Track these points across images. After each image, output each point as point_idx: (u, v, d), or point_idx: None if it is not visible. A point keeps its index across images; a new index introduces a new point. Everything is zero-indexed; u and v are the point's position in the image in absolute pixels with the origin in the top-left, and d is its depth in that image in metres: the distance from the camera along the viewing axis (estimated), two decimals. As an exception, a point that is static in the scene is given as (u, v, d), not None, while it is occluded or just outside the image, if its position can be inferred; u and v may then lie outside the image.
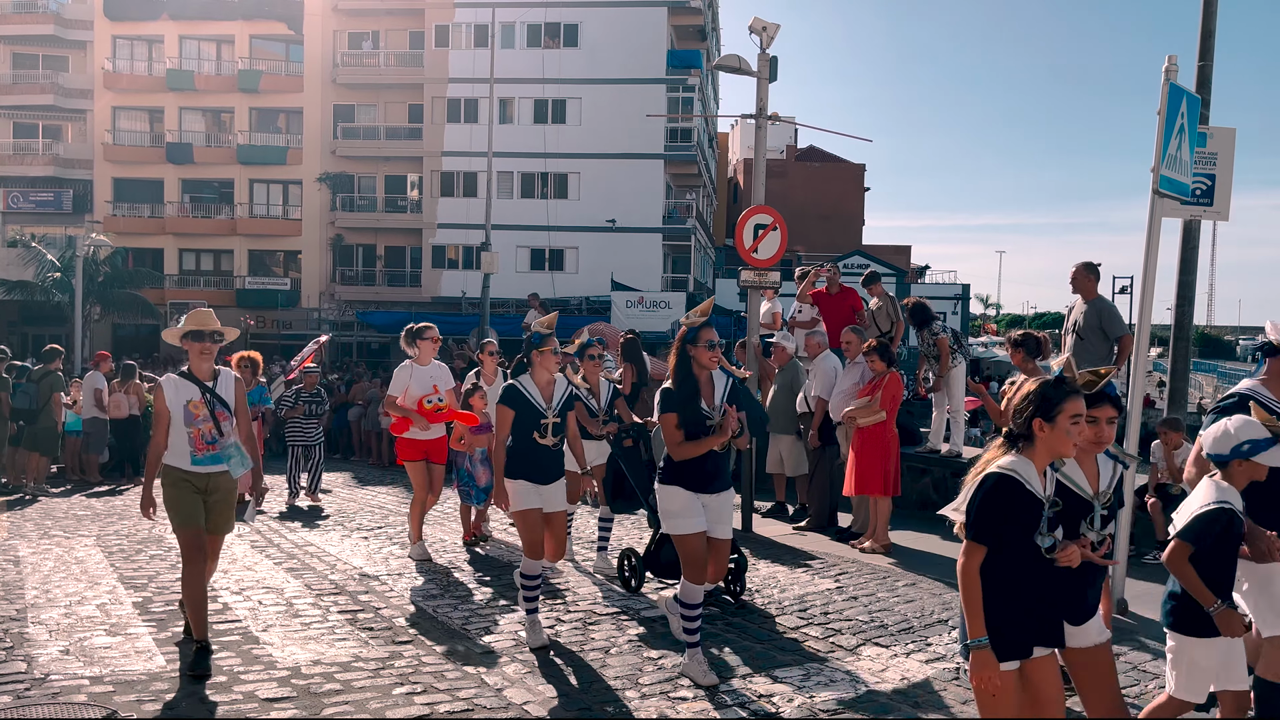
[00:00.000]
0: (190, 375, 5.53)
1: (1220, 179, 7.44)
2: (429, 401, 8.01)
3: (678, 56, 38.17)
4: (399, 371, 8.23)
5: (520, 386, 5.85)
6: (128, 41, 40.47)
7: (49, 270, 32.19)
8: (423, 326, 8.36)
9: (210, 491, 5.52)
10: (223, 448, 5.48)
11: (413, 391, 8.06)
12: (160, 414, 5.44)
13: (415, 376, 8.13)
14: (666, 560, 6.54)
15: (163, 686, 5.05)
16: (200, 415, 5.43)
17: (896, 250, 52.87)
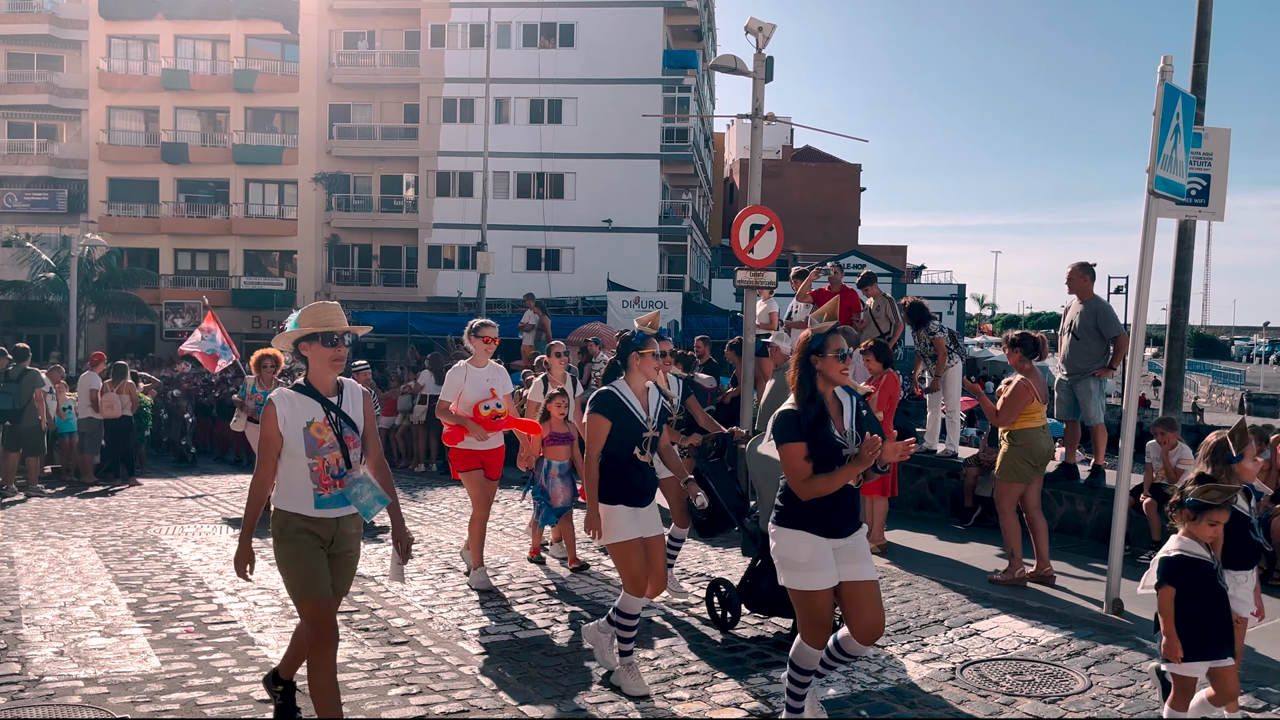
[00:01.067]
0: (310, 388, 4.23)
1: (1215, 179, 7.46)
2: (486, 408, 7.08)
3: (674, 56, 38.18)
4: (452, 374, 7.26)
5: (618, 394, 5.08)
6: (123, 41, 40.40)
7: (43, 270, 32.13)
8: (482, 323, 7.40)
9: (337, 542, 4.29)
10: (351, 483, 4.23)
11: (467, 396, 7.15)
12: (270, 440, 4.16)
13: (470, 379, 7.17)
14: (767, 593, 5.71)
15: (157, 688, 5.03)
16: (326, 441, 4.17)
17: (892, 250, 52.97)
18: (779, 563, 4.32)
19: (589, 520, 5.02)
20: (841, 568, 4.25)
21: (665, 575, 5.29)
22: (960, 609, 6.64)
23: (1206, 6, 9.47)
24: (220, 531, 9.80)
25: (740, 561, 7.82)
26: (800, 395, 4.30)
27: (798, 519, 4.27)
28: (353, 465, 4.25)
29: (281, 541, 4.24)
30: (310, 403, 4.22)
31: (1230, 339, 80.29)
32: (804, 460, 4.19)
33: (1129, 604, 6.38)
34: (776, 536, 4.34)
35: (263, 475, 4.22)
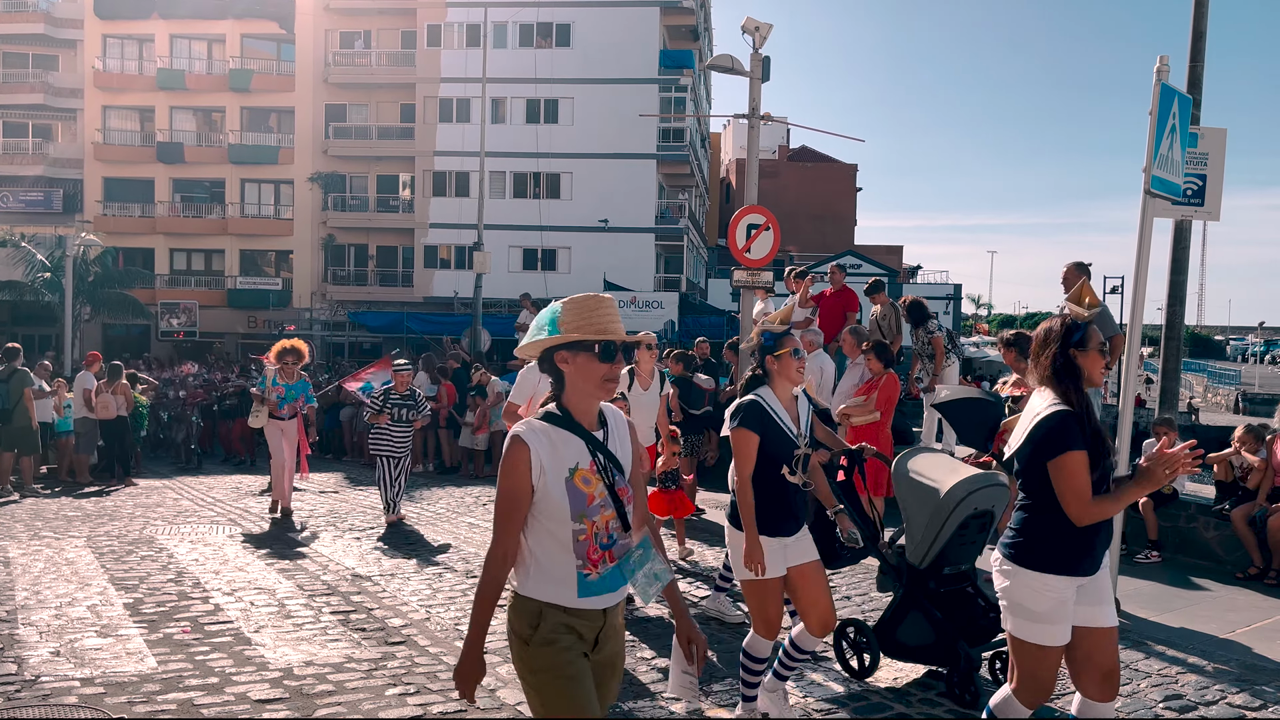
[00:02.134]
0: (569, 419, 2.94)
1: (1211, 179, 7.47)
2: None
3: (670, 56, 38.19)
4: (526, 374, 6.35)
5: (764, 404, 4.43)
6: (118, 41, 40.33)
7: (39, 270, 32.05)
8: None
9: (602, 643, 2.96)
10: (627, 554, 2.93)
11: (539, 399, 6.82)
12: (519, 496, 2.84)
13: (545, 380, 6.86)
14: (909, 640, 5.10)
15: (154, 688, 5.03)
16: (596, 497, 2.88)
17: (889, 250, 53.01)
18: (1009, 607, 3.57)
19: (749, 554, 4.30)
20: (1079, 609, 3.54)
21: (832, 607, 4.49)
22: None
23: (1202, 7, 9.50)
24: (216, 532, 9.78)
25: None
26: (1064, 392, 3.49)
27: (1045, 557, 3.47)
28: (628, 528, 2.99)
29: (531, 646, 2.89)
30: (572, 441, 2.92)
31: (1225, 339, 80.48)
32: (1087, 474, 3.37)
33: (1126, 604, 6.40)
34: (1011, 577, 3.55)
35: (504, 548, 2.86)
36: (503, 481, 2.87)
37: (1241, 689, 5.10)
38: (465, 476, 14.74)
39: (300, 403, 10.80)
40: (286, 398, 10.64)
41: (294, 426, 10.77)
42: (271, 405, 10.57)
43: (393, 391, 10.32)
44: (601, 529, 2.91)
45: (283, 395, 10.62)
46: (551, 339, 2.96)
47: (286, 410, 10.67)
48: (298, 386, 10.76)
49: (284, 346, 10.64)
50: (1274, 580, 7.44)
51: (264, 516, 10.73)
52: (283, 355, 10.54)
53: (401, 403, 10.22)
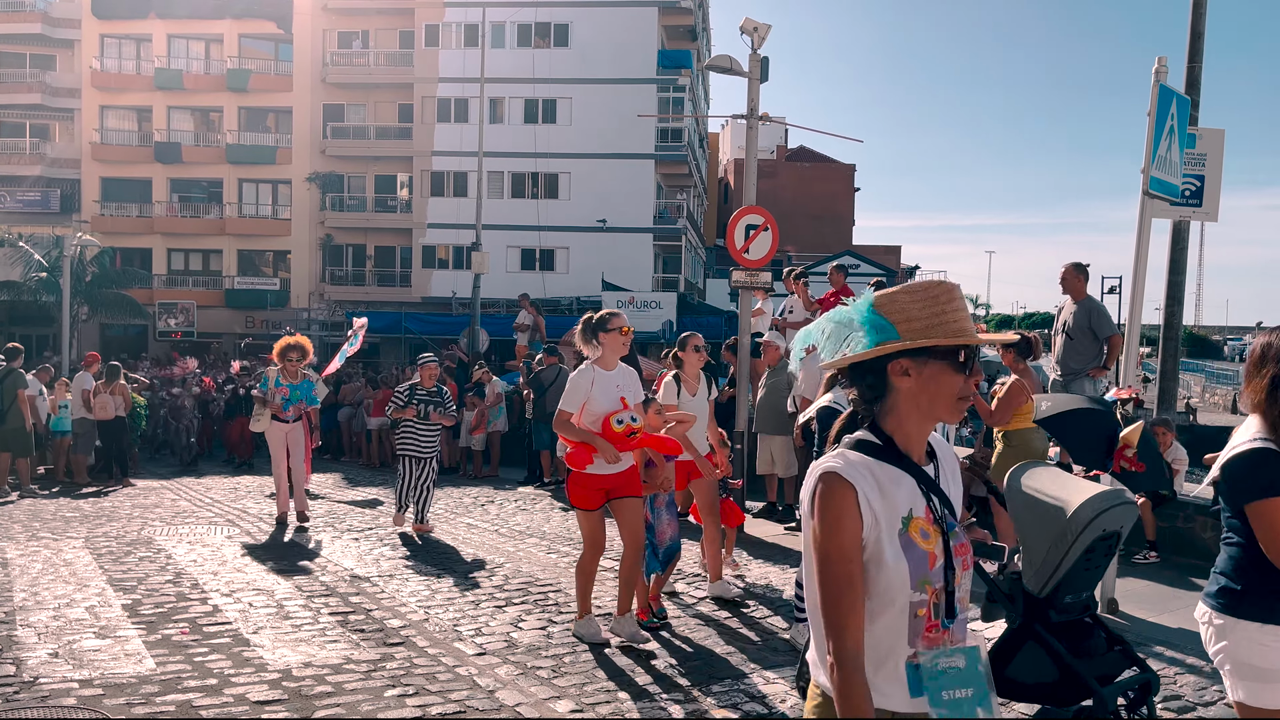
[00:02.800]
0: (893, 450, 2.17)
1: (1209, 180, 7.48)
2: (619, 421, 5.63)
3: (668, 56, 38.19)
4: (577, 379, 5.77)
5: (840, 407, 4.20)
6: (115, 40, 40.28)
7: (36, 270, 32.02)
8: (608, 314, 5.91)
9: None
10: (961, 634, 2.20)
11: (596, 406, 5.69)
12: (850, 556, 2.05)
13: (599, 385, 5.73)
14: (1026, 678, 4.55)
15: (152, 689, 5.02)
16: (938, 557, 2.14)
17: (886, 250, 53.07)
18: (1234, 669, 3.01)
19: None
20: None
21: None
22: (955, 609, 6.63)
23: (1201, 7, 9.51)
24: (215, 533, 9.78)
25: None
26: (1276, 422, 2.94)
27: (1268, 606, 2.94)
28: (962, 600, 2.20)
29: None
30: (903, 480, 2.15)
31: (1223, 339, 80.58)
32: None
33: (1123, 603, 6.40)
34: (1228, 633, 2.99)
35: (854, 639, 2.02)
36: (828, 540, 2.04)
37: (1239, 689, 5.10)
38: (463, 477, 14.74)
39: (305, 403, 10.16)
40: (291, 399, 10.01)
41: (299, 430, 10.14)
42: (275, 408, 9.93)
43: (419, 386, 9.73)
44: (940, 600, 2.13)
45: (287, 396, 9.99)
46: (893, 344, 2.15)
47: (291, 412, 10.03)
48: (302, 387, 10.07)
49: (287, 343, 10.08)
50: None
51: (262, 517, 10.72)
52: (286, 353, 9.99)
53: (428, 399, 9.61)
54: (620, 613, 5.83)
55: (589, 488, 5.73)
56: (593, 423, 5.67)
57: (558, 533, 9.52)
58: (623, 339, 5.78)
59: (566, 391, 5.80)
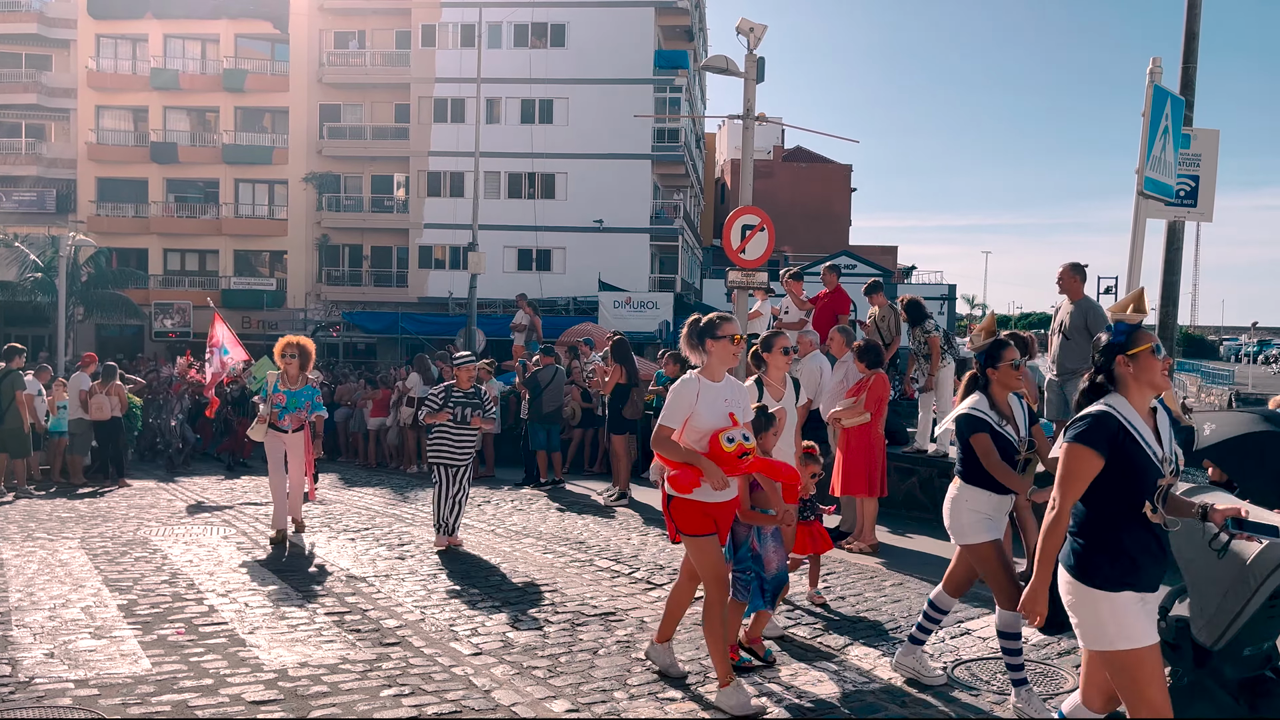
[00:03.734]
0: None
1: (1204, 180, 7.51)
2: (729, 439, 4.84)
3: (665, 57, 38.22)
4: (680, 390, 4.96)
5: (1118, 415, 3.50)
6: (111, 40, 40.24)
7: (32, 271, 31.99)
8: (718, 319, 5.10)
9: None
10: None
11: (700, 422, 4.91)
12: None
13: (705, 398, 4.93)
14: None
15: (148, 689, 5.02)
16: None
17: (883, 250, 53.13)
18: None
19: (1029, 600, 3.60)
20: None
21: None
22: (953, 609, 6.64)
23: (1195, 8, 9.52)
24: (211, 533, 9.77)
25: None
26: None
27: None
28: None
29: None
30: None
31: (1219, 339, 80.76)
32: None
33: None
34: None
35: None
36: None
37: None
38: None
39: (305, 412, 9.15)
40: (287, 407, 9.04)
41: (299, 442, 9.16)
42: (273, 416, 9.03)
43: (455, 388, 8.87)
44: None
45: (283, 404, 9.01)
46: None
47: (288, 421, 9.05)
48: (302, 394, 9.10)
49: (286, 342, 9.10)
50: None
51: (259, 517, 10.71)
52: (286, 353, 9.01)
53: (465, 401, 8.78)
54: (660, 639, 5.27)
55: (699, 513, 4.93)
56: (697, 441, 4.91)
57: (554, 533, 9.52)
58: (734, 349, 5.01)
59: (667, 405, 5.00)
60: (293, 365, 9.01)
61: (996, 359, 4.87)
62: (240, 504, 12.01)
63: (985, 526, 4.89)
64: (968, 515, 4.92)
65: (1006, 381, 4.85)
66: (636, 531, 9.53)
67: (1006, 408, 4.87)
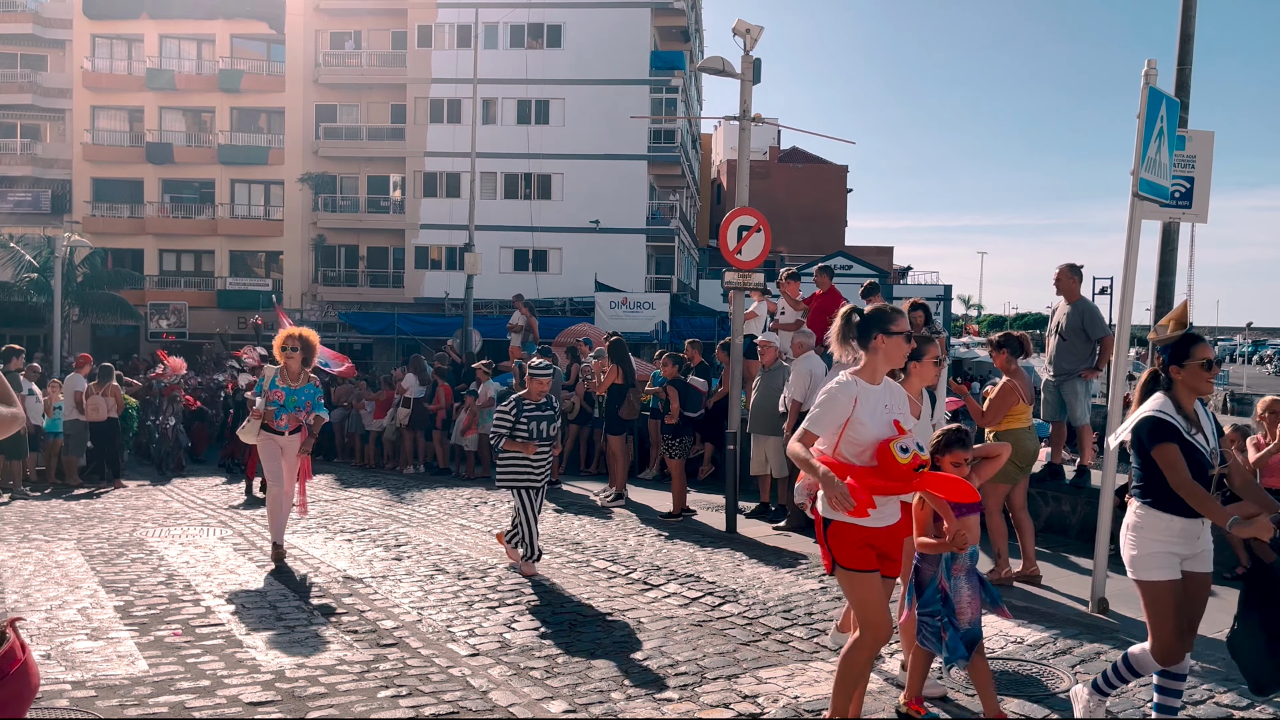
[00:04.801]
0: None
1: (1199, 181, 7.52)
2: (903, 449, 4.10)
3: (661, 58, 38.22)
4: (836, 394, 4.21)
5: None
6: (107, 40, 40.16)
7: (27, 271, 31.91)
8: (890, 310, 4.40)
9: None
10: None
11: (861, 432, 4.18)
12: None
13: (866, 404, 4.19)
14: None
15: (145, 691, 5.02)
16: None
17: (879, 251, 53.16)
18: None
19: None
20: None
21: None
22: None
23: (1190, 10, 9.55)
24: (207, 534, 9.76)
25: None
26: None
27: None
28: None
29: None
30: None
31: (1214, 339, 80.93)
32: None
33: (1114, 603, 6.43)
34: None
35: None
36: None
37: (1229, 688, 5.13)
38: (456, 478, 14.73)
39: (304, 412, 8.25)
40: (285, 405, 8.18)
41: (297, 443, 8.34)
42: (261, 415, 8.15)
43: (526, 401, 7.87)
44: None
45: (280, 402, 8.17)
46: None
47: (285, 421, 8.16)
48: (303, 392, 8.22)
49: (288, 334, 8.30)
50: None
51: (255, 518, 10.70)
52: (280, 346, 8.21)
53: (539, 414, 7.85)
54: (834, 715, 4.36)
55: (858, 542, 4.17)
56: (857, 454, 4.16)
57: (550, 534, 9.53)
58: (900, 348, 4.29)
59: (817, 410, 4.24)
60: (295, 360, 8.16)
61: (1186, 355, 4.20)
62: (236, 505, 11.99)
63: (1166, 562, 4.23)
64: (1149, 546, 4.24)
65: (1196, 384, 4.19)
66: (633, 532, 9.54)
67: (1193, 414, 4.21)
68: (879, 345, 4.27)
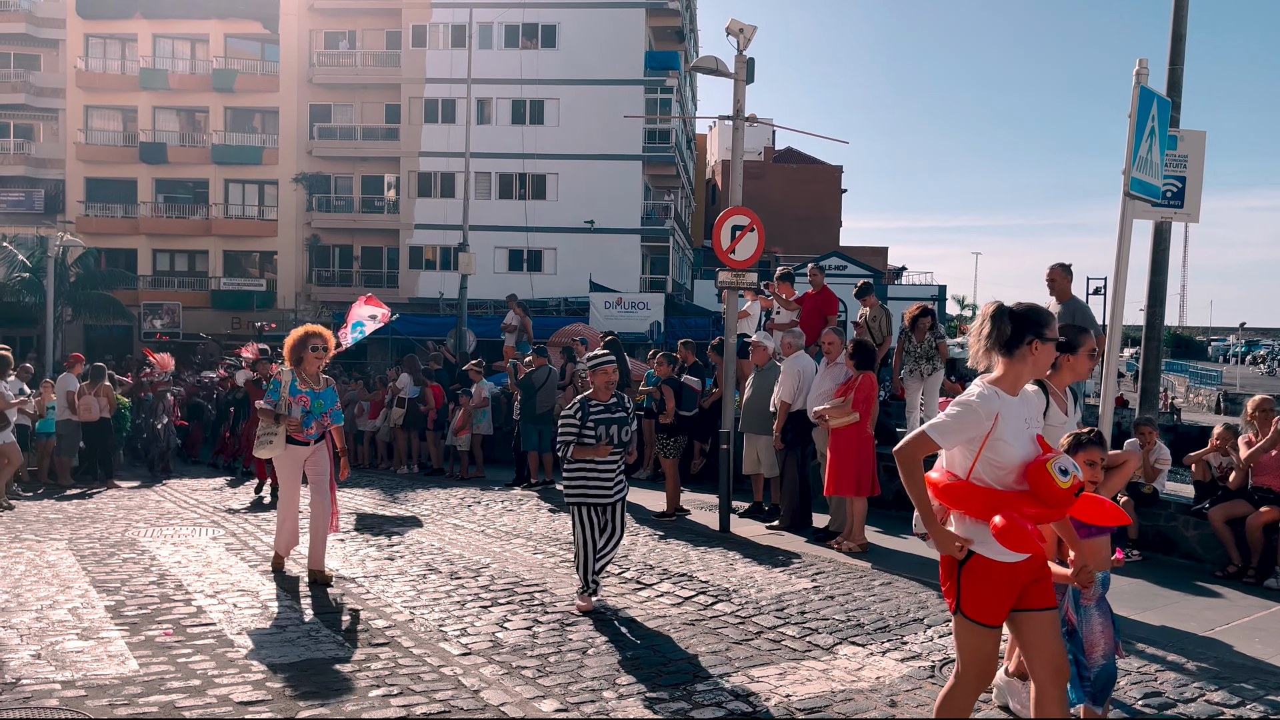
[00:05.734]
0: None
1: (1190, 181, 7.55)
2: (1063, 472, 3.50)
3: (655, 58, 38.25)
4: (975, 406, 3.57)
5: None
6: (100, 40, 40.09)
7: (19, 271, 31.85)
8: (1043, 312, 3.72)
9: None
10: None
11: (1003, 453, 3.57)
12: None
13: (1009, 419, 3.59)
14: None
15: (135, 690, 5.00)
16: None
17: (873, 251, 53.24)
18: None
19: None
20: None
21: None
22: (940, 608, 6.67)
23: (1182, 10, 9.57)
24: (199, 534, 9.74)
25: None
26: None
27: None
28: None
29: None
30: None
31: (1207, 339, 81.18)
32: None
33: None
34: None
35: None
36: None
37: (1220, 687, 5.14)
38: (450, 478, 14.72)
39: (327, 419, 7.46)
40: (312, 411, 7.33)
41: (322, 456, 7.47)
42: (291, 425, 7.23)
43: (592, 401, 6.72)
44: None
45: (307, 408, 7.28)
46: None
47: (315, 429, 7.38)
48: (326, 395, 7.41)
49: (311, 331, 7.37)
50: (1253, 579, 7.50)
51: (247, 518, 10.68)
52: (305, 345, 7.29)
53: (608, 416, 6.67)
54: None
55: (1002, 584, 3.56)
56: (999, 478, 3.59)
57: (544, 533, 9.52)
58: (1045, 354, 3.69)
59: (948, 419, 3.60)
60: (322, 361, 7.37)
61: None
62: (238, 509, 11.97)
63: None
64: None
65: None
66: (627, 531, 9.53)
67: None
68: (1031, 353, 3.66)
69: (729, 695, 5.04)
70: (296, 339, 7.34)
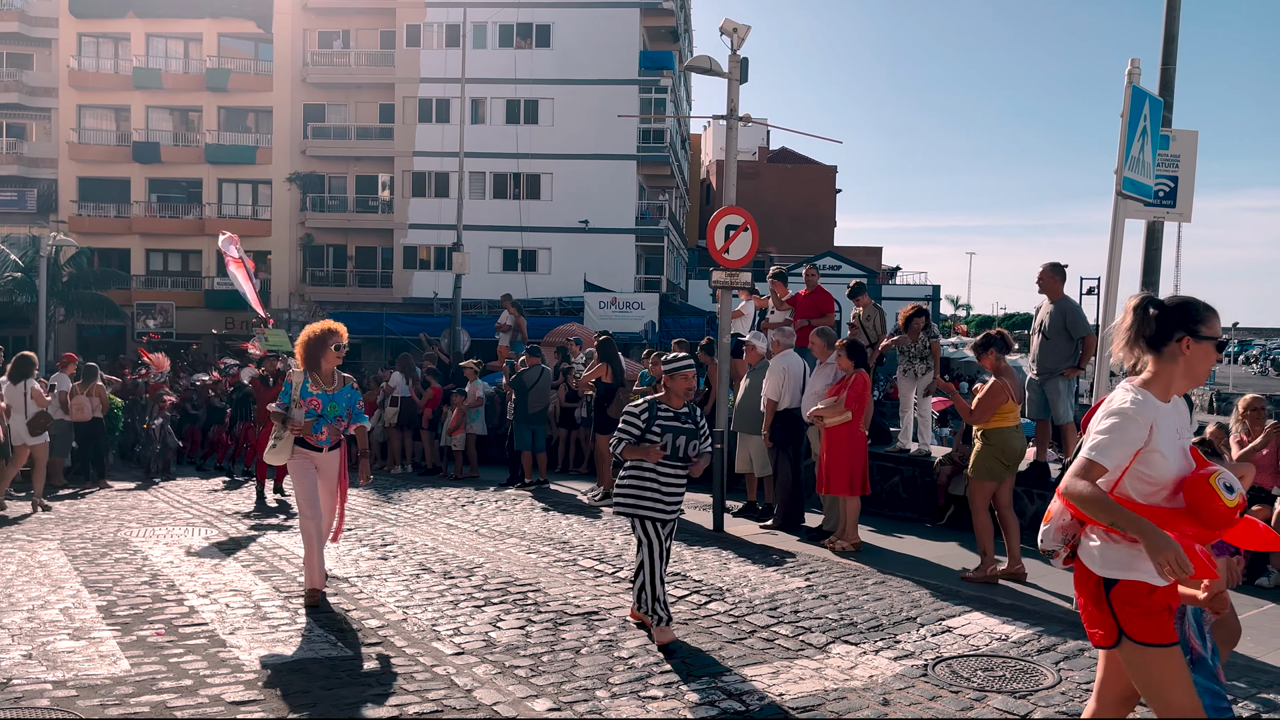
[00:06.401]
0: None
1: (1183, 181, 7.57)
2: (1228, 489, 3.16)
3: (650, 57, 38.26)
4: (1131, 415, 3.20)
5: None
6: (93, 39, 39.98)
7: (12, 270, 31.76)
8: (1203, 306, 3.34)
9: None
10: None
11: (1160, 467, 3.23)
12: None
13: (1163, 430, 3.23)
14: None
15: (127, 690, 4.99)
16: None
17: (868, 251, 53.29)
18: None
19: None
20: None
21: None
22: (933, 606, 6.69)
23: (1174, 10, 9.58)
24: (192, 534, 9.71)
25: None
26: None
27: None
28: None
29: None
30: None
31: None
32: None
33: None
34: None
35: None
36: None
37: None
38: (444, 478, 14.70)
39: (345, 422, 6.81)
40: (325, 415, 6.72)
41: (336, 462, 6.86)
42: (302, 429, 6.62)
43: (661, 405, 6.02)
44: None
45: (319, 410, 6.68)
46: None
47: (326, 434, 6.72)
48: (341, 398, 6.75)
49: (326, 329, 6.72)
50: (1244, 578, 7.53)
51: (240, 518, 10.65)
52: (323, 343, 6.64)
53: (676, 425, 5.96)
54: None
55: (1159, 606, 3.20)
56: (1148, 494, 3.24)
57: (538, 533, 9.52)
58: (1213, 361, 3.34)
59: (1106, 435, 3.21)
60: (329, 360, 6.72)
61: None
62: (221, 504, 11.94)
63: None
64: None
65: None
66: (620, 531, 9.53)
67: None
68: (1182, 351, 3.26)
69: (722, 694, 5.04)
70: (313, 337, 6.67)
